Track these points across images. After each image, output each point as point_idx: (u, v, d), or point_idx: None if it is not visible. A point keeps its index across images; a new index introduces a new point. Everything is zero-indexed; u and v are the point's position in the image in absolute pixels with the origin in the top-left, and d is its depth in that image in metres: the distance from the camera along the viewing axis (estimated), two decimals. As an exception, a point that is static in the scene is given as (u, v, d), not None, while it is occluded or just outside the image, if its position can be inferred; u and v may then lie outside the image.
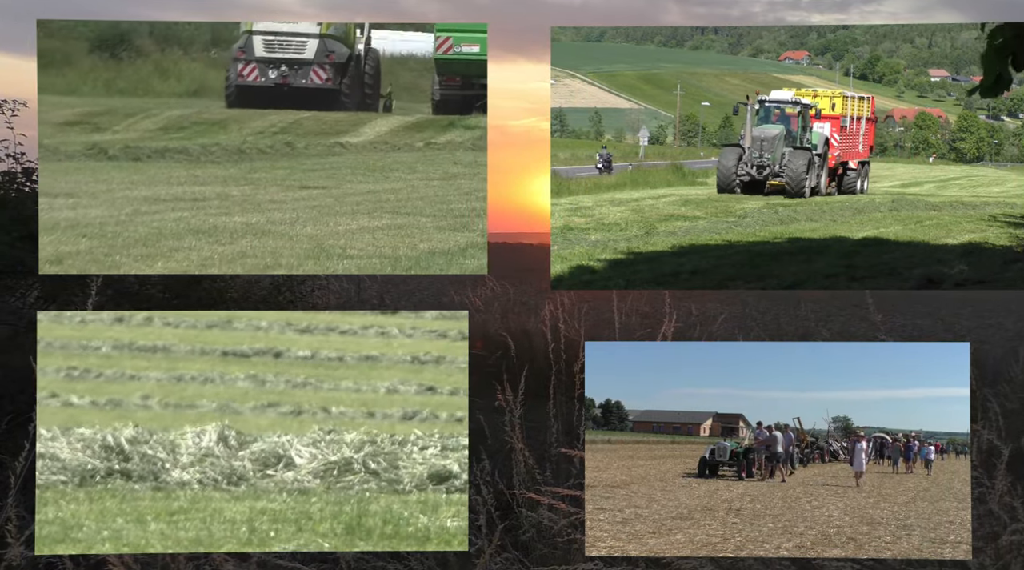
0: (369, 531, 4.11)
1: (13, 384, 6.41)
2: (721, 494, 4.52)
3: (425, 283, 15.91)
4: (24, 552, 4.09)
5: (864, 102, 10.80)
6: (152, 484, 4.40)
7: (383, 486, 4.44)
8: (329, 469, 4.51)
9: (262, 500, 4.32)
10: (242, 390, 5.66)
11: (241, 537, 4.06)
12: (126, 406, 4.35)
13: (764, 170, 9.90)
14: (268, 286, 10.11)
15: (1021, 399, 7.06)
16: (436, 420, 5.20)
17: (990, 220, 7.45)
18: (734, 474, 4.71)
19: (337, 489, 4.41)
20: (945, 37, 13.53)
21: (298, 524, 4.14)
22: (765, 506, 4.37)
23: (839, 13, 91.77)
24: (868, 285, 5.53)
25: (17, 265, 7.91)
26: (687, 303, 10.31)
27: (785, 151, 10.15)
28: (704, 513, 4.26)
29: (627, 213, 7.84)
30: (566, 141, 12.60)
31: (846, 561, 4.08)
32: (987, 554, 4.25)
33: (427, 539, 4.09)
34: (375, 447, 4.67)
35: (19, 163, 8.71)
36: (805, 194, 9.68)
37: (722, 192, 9.66)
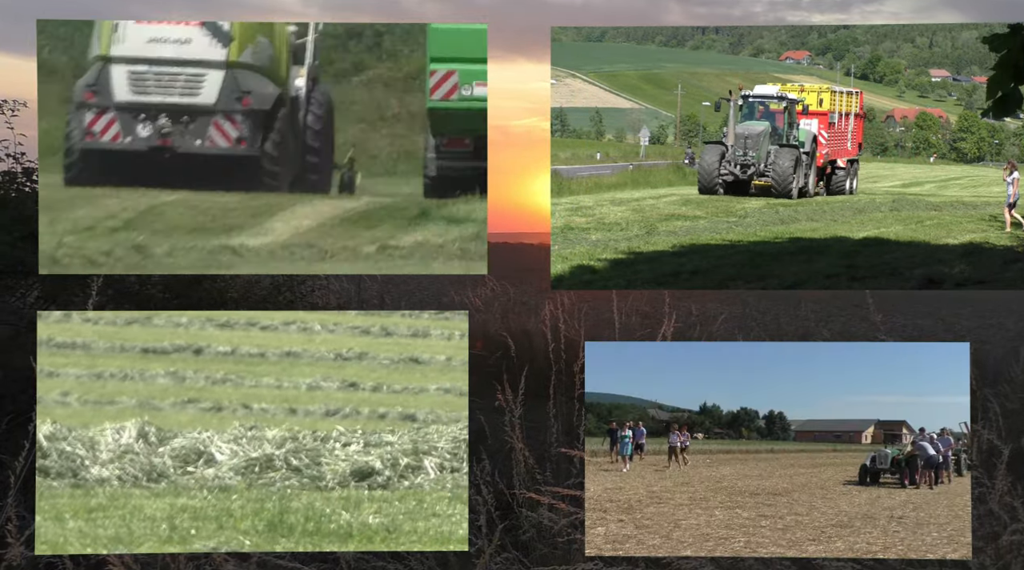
0: (291, 528, 4.08)
1: (13, 384, 6.41)
2: (883, 502, 4.45)
3: (425, 283, 15.90)
4: (24, 552, 4.09)
5: (852, 97, 10.29)
6: (71, 481, 4.36)
7: (305, 483, 4.42)
8: (250, 466, 4.47)
9: (183, 497, 4.29)
10: (162, 387, 5.59)
11: (161, 534, 4.03)
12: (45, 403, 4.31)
13: (748, 169, 9.36)
14: (268, 286, 10.10)
15: (1021, 399, 7.06)
16: (358, 416, 5.18)
17: (991, 220, 7.45)
18: (896, 481, 4.63)
19: (259, 486, 4.37)
20: (946, 37, 13.53)
21: (219, 521, 4.10)
22: (929, 514, 4.29)
23: (840, 13, 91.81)
24: (869, 285, 5.53)
25: (17, 265, 7.91)
26: (687, 303, 10.32)
27: (771, 149, 9.60)
28: (865, 521, 4.21)
29: (628, 213, 7.84)
30: (567, 141, 12.59)
31: (846, 561, 4.08)
32: (987, 554, 4.25)
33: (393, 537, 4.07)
34: (297, 444, 4.63)
35: (19, 163, 8.71)
36: (792, 195, 9.11)
37: (704, 193, 9.07)
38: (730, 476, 4.69)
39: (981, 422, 5.36)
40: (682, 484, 4.60)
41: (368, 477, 4.44)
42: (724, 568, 4.27)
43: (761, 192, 9.12)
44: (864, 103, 10.61)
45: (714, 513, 4.22)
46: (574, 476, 4.80)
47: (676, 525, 4.16)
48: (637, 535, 4.12)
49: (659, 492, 4.52)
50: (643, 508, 4.32)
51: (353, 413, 5.28)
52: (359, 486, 4.40)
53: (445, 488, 4.39)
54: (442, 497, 4.33)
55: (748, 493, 4.48)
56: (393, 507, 4.26)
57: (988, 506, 4.43)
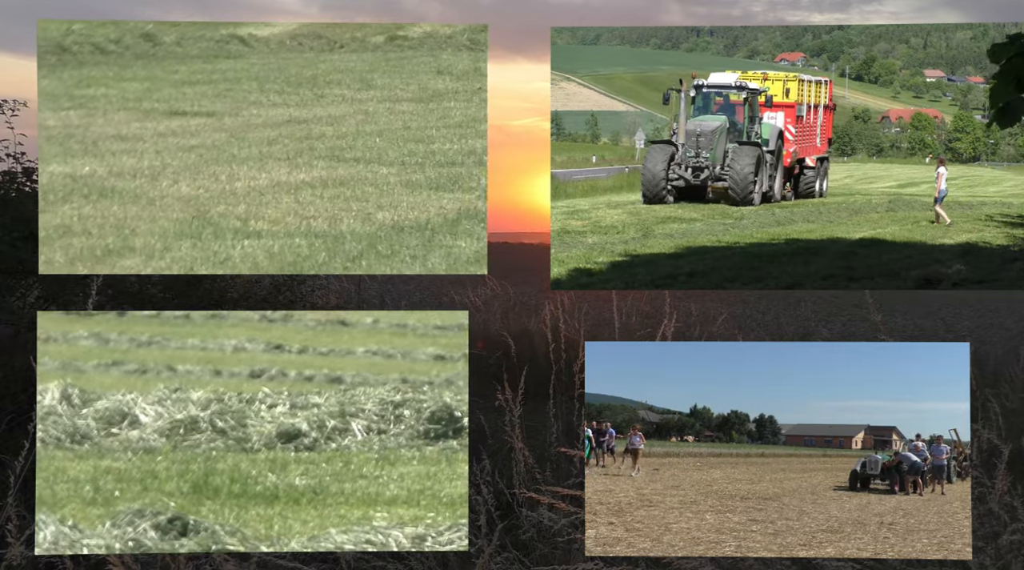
0: (216, 490, 4.04)
1: (13, 384, 6.42)
2: (873, 507, 4.43)
3: (425, 283, 15.92)
4: (24, 552, 4.09)
5: (822, 87, 9.14)
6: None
7: (230, 444, 4.38)
8: (175, 427, 4.44)
9: (107, 459, 4.26)
10: (85, 348, 5.50)
11: (85, 496, 4.00)
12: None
13: (701, 173, 8.01)
14: (268, 286, 10.13)
15: (1021, 399, 7.08)
16: (284, 378, 5.13)
17: (987, 220, 7.47)
18: (887, 487, 4.61)
19: (183, 448, 4.34)
20: (940, 37, 13.56)
21: (143, 483, 4.07)
22: (919, 521, 4.28)
23: (839, 13, 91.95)
24: (866, 286, 5.55)
25: (17, 265, 7.92)
26: (687, 303, 10.33)
27: (728, 148, 8.31)
28: (855, 526, 4.21)
29: (624, 216, 7.84)
30: (563, 144, 12.59)
31: (846, 561, 4.10)
32: (987, 554, 4.26)
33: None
34: (222, 405, 4.58)
35: (19, 163, 8.72)
36: (754, 201, 7.82)
37: (650, 202, 7.76)
38: (720, 480, 4.65)
39: (981, 422, 5.39)
40: (672, 487, 4.57)
41: (294, 439, 4.39)
42: (724, 568, 4.29)
43: (720, 198, 7.93)
44: (833, 94, 9.54)
45: (704, 517, 4.21)
46: (574, 476, 4.82)
47: (667, 528, 4.16)
48: (627, 538, 4.13)
49: (649, 495, 4.50)
50: (633, 511, 4.32)
51: (279, 375, 5.21)
52: (285, 448, 4.36)
53: (372, 450, 4.35)
54: (369, 458, 4.29)
55: (739, 497, 4.45)
56: (320, 469, 4.23)
57: (988, 506, 4.45)
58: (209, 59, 5.33)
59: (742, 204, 7.67)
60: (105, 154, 4.76)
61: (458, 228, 4.06)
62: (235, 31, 5.35)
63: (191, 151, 4.76)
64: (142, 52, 5.20)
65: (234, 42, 5.34)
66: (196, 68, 5.42)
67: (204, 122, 5.29)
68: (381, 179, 4.46)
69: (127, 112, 5.27)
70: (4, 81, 34.03)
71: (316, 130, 5.27)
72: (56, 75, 4.11)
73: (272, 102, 5.68)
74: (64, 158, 4.58)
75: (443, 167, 4.53)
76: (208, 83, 5.52)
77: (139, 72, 5.43)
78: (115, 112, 5.16)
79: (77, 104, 4.97)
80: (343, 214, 4.11)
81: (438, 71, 5.59)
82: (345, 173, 4.47)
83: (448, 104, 5.30)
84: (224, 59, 5.56)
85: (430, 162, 4.65)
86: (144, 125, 5.19)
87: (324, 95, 5.72)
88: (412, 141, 4.95)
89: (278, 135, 5.18)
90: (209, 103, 5.43)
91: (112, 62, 5.24)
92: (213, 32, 4.98)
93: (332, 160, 4.69)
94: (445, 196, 4.29)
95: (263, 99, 5.62)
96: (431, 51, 5.18)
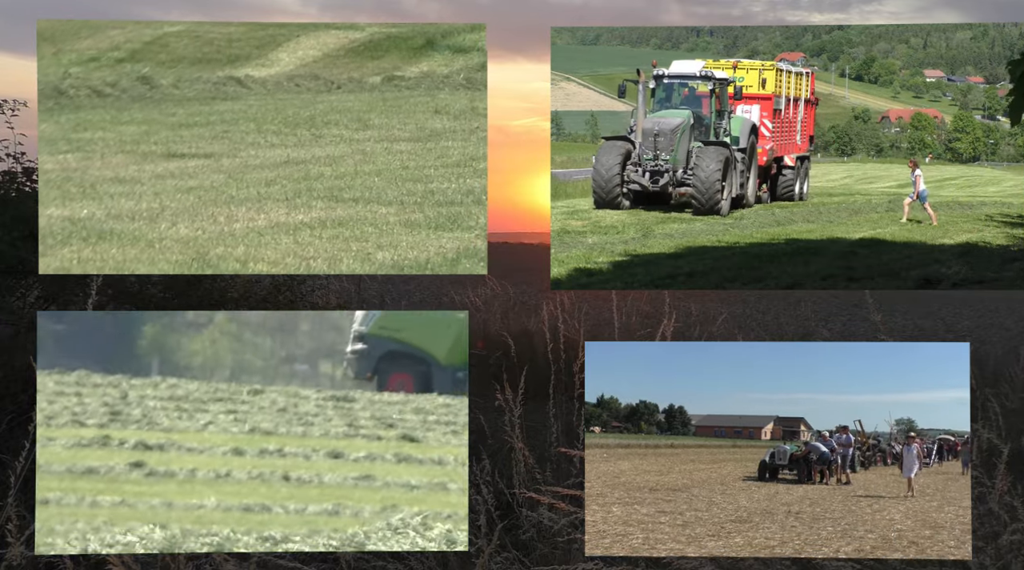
0: None
1: (13, 384, 6.42)
2: (781, 497, 4.48)
3: (425, 283, 15.93)
4: (24, 552, 4.10)
5: (803, 78, 8.26)
6: None
7: None
8: None
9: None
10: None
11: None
12: None
13: (661, 178, 7.03)
14: (268, 286, 10.15)
15: (1021, 399, 7.09)
16: None
17: (987, 220, 7.47)
18: (794, 477, 4.66)
19: None
20: (940, 37, 13.57)
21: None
22: (824, 510, 4.33)
23: (839, 13, 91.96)
24: (866, 286, 5.55)
25: (17, 265, 7.92)
26: (687, 303, 10.33)
27: (692, 148, 7.25)
28: (764, 516, 4.23)
29: (624, 216, 7.83)
30: (563, 144, 12.60)
31: (846, 561, 4.10)
32: (987, 554, 4.27)
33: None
34: None
35: (19, 163, 8.72)
36: (721, 210, 6.84)
37: (602, 207, 6.93)
38: (628, 471, 4.57)
39: (981, 422, 5.39)
40: (578, 480, 4.59)
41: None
42: (724, 568, 4.29)
43: (683, 206, 7.02)
44: (815, 87, 8.73)
45: (611, 509, 4.18)
46: (574, 476, 4.81)
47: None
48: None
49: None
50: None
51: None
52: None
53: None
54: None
55: (647, 489, 4.44)
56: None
57: (988, 506, 4.45)
58: (206, 101, 5.59)
59: (708, 213, 6.81)
60: (103, 197, 4.78)
61: (458, 267, 4.09)
62: (232, 72, 5.53)
63: (189, 193, 4.77)
64: (139, 95, 5.44)
65: (231, 83, 5.65)
66: (193, 110, 5.57)
67: (202, 163, 5.27)
68: (380, 219, 4.45)
69: (125, 155, 5.27)
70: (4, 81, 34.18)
71: (314, 170, 5.26)
72: (54, 119, 4.13)
73: (270, 143, 5.64)
74: (62, 201, 4.62)
75: (442, 206, 4.53)
76: (205, 125, 5.60)
77: (136, 115, 5.54)
78: (113, 155, 5.21)
79: (75, 147, 5.09)
80: (342, 254, 4.10)
81: (435, 110, 5.68)
82: (344, 213, 4.49)
83: (446, 143, 5.36)
84: (221, 101, 5.72)
85: (429, 201, 4.66)
86: (142, 167, 5.18)
87: (322, 135, 5.70)
88: (411, 180, 4.97)
89: (276, 176, 5.16)
90: (207, 145, 5.44)
91: (109, 105, 5.43)
92: (210, 74, 5.36)
93: (331, 200, 4.70)
94: (444, 235, 4.31)
95: (261, 140, 5.60)
96: (428, 91, 5.45)
